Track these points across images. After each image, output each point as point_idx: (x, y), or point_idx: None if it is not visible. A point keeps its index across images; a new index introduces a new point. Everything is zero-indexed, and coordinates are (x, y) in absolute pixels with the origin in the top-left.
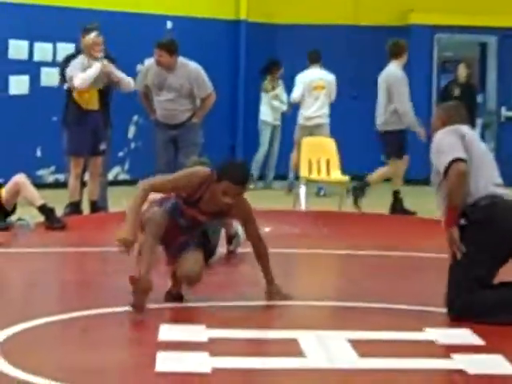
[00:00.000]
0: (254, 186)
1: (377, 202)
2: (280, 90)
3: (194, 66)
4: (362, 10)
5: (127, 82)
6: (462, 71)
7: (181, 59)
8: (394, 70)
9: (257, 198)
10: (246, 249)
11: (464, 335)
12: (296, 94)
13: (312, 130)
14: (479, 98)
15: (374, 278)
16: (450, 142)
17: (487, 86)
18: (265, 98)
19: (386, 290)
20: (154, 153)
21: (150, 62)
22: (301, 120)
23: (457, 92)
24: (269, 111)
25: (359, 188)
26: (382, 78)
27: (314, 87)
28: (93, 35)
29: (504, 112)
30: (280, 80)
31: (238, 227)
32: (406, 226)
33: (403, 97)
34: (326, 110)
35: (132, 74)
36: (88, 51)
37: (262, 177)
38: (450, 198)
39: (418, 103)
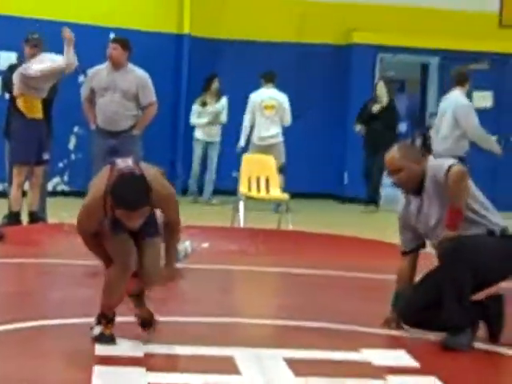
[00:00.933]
0: (194, 200)
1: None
2: (215, 106)
3: (142, 72)
4: (306, 28)
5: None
6: (380, 89)
7: (130, 65)
8: (460, 98)
9: (196, 214)
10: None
11: (399, 356)
12: (246, 119)
13: (266, 150)
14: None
15: (310, 297)
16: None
17: (428, 105)
18: (199, 115)
19: (322, 308)
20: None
21: (96, 67)
22: (254, 140)
23: (375, 109)
24: (200, 128)
25: None
26: (448, 106)
27: (265, 106)
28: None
29: None
30: (218, 96)
31: (185, 243)
32: (346, 245)
33: (475, 123)
34: (278, 130)
35: (74, 84)
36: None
37: (201, 193)
38: (454, 198)
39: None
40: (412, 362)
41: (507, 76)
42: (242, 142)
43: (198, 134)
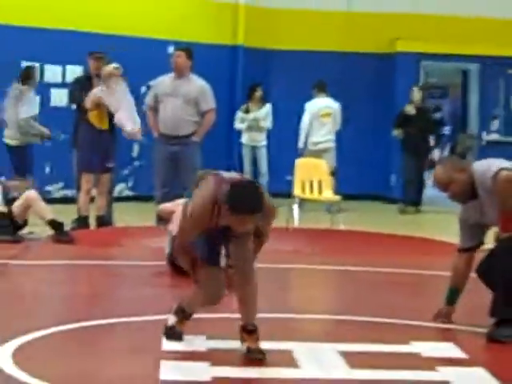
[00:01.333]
0: None
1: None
2: (258, 113)
3: (203, 81)
4: (352, 37)
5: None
6: (416, 94)
7: (192, 74)
8: None
9: None
10: None
11: (447, 348)
12: (303, 123)
13: (319, 154)
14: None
15: (363, 293)
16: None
17: (469, 111)
18: (242, 121)
19: (374, 303)
20: (155, 170)
21: (161, 77)
22: (309, 145)
23: (412, 111)
24: (245, 133)
25: None
26: None
27: (322, 115)
28: (112, 66)
29: (485, 136)
30: (262, 103)
31: None
32: (395, 243)
33: None
34: (331, 136)
35: (136, 94)
36: (105, 80)
37: None
38: (504, 204)
39: None
40: (460, 354)
41: None
42: (301, 144)
43: (244, 138)
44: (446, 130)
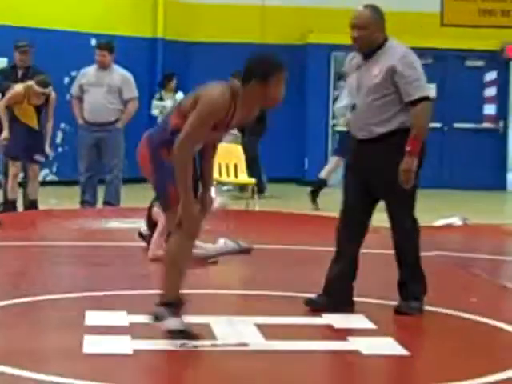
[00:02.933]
0: None
1: None
2: (170, 101)
3: (125, 71)
4: (267, 30)
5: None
6: None
7: (115, 65)
8: None
9: None
10: None
11: (358, 320)
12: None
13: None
14: None
15: (274, 270)
16: (421, 72)
17: None
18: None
19: (285, 279)
20: (78, 156)
21: (85, 69)
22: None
23: None
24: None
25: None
26: None
27: None
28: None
29: None
30: (175, 92)
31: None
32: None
33: None
34: None
35: (60, 85)
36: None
37: None
38: (419, 130)
39: (316, 112)
40: (370, 325)
41: (448, 70)
42: None
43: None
44: None
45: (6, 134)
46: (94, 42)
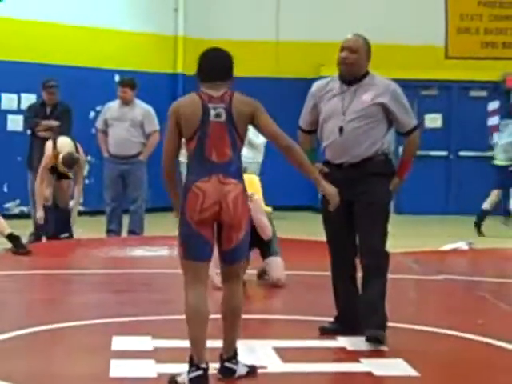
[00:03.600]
0: None
1: None
2: None
3: (147, 105)
4: (281, 64)
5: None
6: None
7: (137, 100)
8: None
9: None
10: None
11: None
12: None
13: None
14: None
15: (292, 294)
16: (407, 103)
17: None
18: None
19: (302, 304)
20: (104, 187)
21: (109, 104)
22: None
23: None
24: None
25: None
26: None
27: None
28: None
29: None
30: None
31: None
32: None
33: None
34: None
35: (85, 119)
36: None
37: None
38: (413, 155)
39: None
40: (381, 347)
41: (453, 100)
42: None
43: (182, 157)
44: None
45: (41, 213)
46: (117, 77)
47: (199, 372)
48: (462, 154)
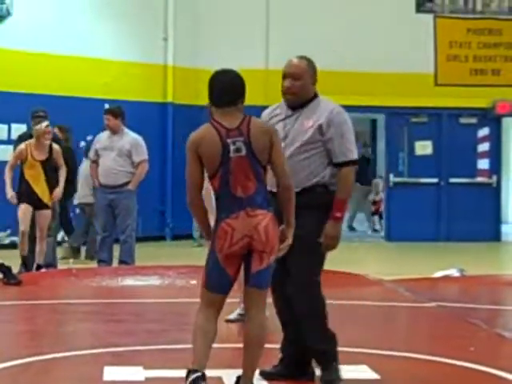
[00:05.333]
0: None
1: None
2: None
3: (136, 135)
4: (271, 92)
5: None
6: None
7: (127, 129)
8: None
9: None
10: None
11: (362, 370)
12: None
13: None
14: None
15: None
16: (352, 131)
17: (377, 155)
18: None
19: None
20: (95, 217)
21: (100, 134)
22: None
23: None
24: None
25: None
26: None
27: None
28: (44, 125)
29: (392, 178)
30: None
31: None
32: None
33: None
34: None
35: (76, 149)
36: (39, 138)
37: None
38: (345, 193)
39: None
40: (374, 375)
41: (443, 127)
42: None
43: None
44: None
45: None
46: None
47: (198, 373)
48: (452, 180)
